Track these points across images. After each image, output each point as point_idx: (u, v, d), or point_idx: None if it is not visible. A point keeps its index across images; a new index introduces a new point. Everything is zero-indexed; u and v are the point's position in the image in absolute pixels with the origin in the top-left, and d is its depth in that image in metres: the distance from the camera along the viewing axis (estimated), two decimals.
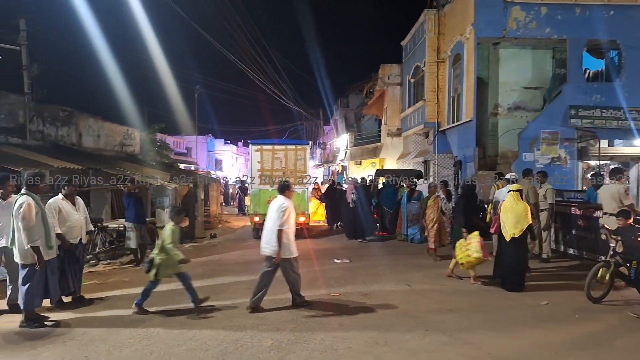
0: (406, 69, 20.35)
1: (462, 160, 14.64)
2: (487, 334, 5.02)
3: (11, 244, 5.38)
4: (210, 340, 4.83)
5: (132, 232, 9.10)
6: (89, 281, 7.43)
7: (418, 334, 4.99)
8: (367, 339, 4.82)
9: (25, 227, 5.20)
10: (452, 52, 15.74)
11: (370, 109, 26.32)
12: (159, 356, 4.40)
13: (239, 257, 10.20)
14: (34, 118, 11.61)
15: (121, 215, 11.67)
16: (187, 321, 5.49)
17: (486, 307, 6.04)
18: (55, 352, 4.50)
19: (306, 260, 9.36)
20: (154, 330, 5.12)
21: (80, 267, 6.49)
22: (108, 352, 4.51)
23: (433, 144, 16.94)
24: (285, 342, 4.77)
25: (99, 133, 14.76)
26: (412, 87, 19.58)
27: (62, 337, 4.93)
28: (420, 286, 7.16)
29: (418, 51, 18.20)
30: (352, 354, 4.45)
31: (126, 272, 8.67)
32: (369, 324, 5.35)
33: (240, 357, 4.39)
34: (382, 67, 22.00)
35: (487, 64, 14.69)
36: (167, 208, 11.79)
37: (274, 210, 6.00)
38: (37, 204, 5.43)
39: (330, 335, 4.94)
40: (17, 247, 5.31)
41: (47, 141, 12.04)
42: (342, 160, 29.56)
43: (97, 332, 5.10)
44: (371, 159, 24.77)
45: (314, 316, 5.66)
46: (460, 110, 15.05)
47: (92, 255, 9.09)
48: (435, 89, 16.72)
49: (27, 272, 5.34)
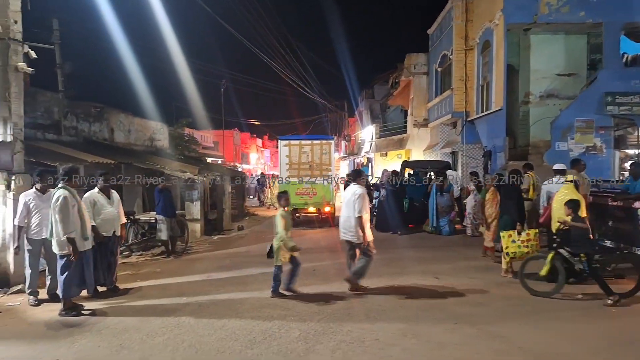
0: (432, 58, 19.97)
1: (491, 150, 14.30)
2: (518, 327, 4.92)
3: (50, 236, 5.59)
4: (239, 329, 4.91)
5: (163, 225, 9.34)
6: (122, 272, 7.66)
7: (446, 327, 4.94)
8: (394, 331, 4.80)
9: (62, 219, 5.41)
10: (480, 40, 15.34)
11: (396, 100, 26.00)
12: (190, 345, 4.51)
13: (264, 250, 10.24)
14: (67, 115, 11.99)
15: (152, 208, 11.97)
16: (217, 311, 5.60)
17: (517, 300, 5.92)
18: (91, 340, 4.67)
19: (332, 252, 9.39)
20: (185, 320, 5.25)
21: (115, 259, 6.69)
22: (142, 340, 4.66)
23: (461, 134, 16.62)
24: (313, 333, 4.81)
25: (129, 128, 15.13)
26: (439, 76, 19.22)
27: (98, 325, 5.12)
28: (449, 279, 7.07)
29: (445, 39, 17.82)
30: (379, 346, 4.44)
31: (157, 263, 8.91)
32: (397, 316, 5.33)
33: (268, 346, 4.45)
34: (408, 57, 21.67)
35: (517, 50, 14.24)
36: (196, 201, 12.05)
37: (349, 198, 6.27)
38: (74, 197, 5.63)
39: (357, 327, 4.94)
40: (55, 238, 5.52)
41: (81, 137, 12.42)
42: (367, 152, 29.38)
43: (131, 321, 5.27)
44: (397, 150, 24.52)
45: (341, 308, 5.68)
46: (489, 99, 14.69)
47: (125, 247, 9.37)
48: (463, 78, 16.37)
49: (64, 263, 5.55)
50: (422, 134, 21.79)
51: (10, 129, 6.72)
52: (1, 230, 6.81)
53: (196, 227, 11.95)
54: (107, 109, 13.78)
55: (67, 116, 11.87)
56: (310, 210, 14.18)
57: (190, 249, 10.30)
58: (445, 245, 10.22)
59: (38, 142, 10.07)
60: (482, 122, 15.27)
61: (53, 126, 11.32)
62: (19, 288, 6.53)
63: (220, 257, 9.41)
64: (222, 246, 10.95)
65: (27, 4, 7.11)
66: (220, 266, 8.40)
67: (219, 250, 10.39)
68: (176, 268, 8.33)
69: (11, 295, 6.40)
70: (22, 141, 6.91)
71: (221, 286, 6.86)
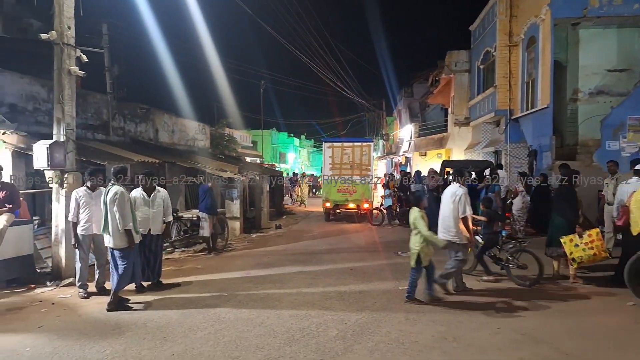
0: (475, 55, 19.45)
1: (537, 150, 13.75)
2: (566, 334, 4.71)
3: (103, 230, 5.79)
4: (278, 327, 4.96)
5: (205, 222, 9.58)
6: (166, 267, 7.91)
7: (489, 331, 4.79)
8: (434, 334, 4.71)
9: (121, 213, 5.66)
10: (525, 35, 14.78)
11: (436, 98, 25.49)
12: (230, 340, 4.60)
13: (304, 248, 10.38)
14: (116, 115, 12.53)
15: (194, 205, 12.32)
16: (256, 307, 5.68)
17: (568, 306, 5.66)
18: (137, 333, 4.85)
19: (371, 253, 9.33)
20: (225, 316, 5.36)
21: (155, 255, 6.83)
22: (184, 334, 4.79)
23: (505, 133, 16.07)
24: (351, 332, 4.79)
25: (173, 129, 15.64)
26: (481, 73, 18.69)
27: (143, 318, 5.31)
28: (493, 283, 6.85)
29: (488, 35, 17.30)
30: (418, 348, 4.36)
31: (199, 259, 9.15)
32: (437, 318, 5.22)
33: (306, 344, 4.47)
34: (449, 54, 21.19)
35: (565, 46, 13.60)
36: (236, 199, 12.29)
37: (449, 198, 6.15)
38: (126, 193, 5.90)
39: (396, 329, 4.88)
40: (111, 232, 5.72)
41: (128, 137, 12.96)
42: (406, 152, 28.96)
43: (174, 315, 5.44)
44: (437, 149, 24.04)
45: (379, 308, 5.63)
46: (535, 97, 14.13)
47: (168, 243, 9.69)
48: (507, 75, 15.82)
49: (121, 256, 5.78)
50: (463, 133, 21.26)
51: (63, 130, 7.08)
52: (54, 226, 7.20)
53: (235, 225, 12.19)
54: (153, 110, 14.31)
55: (115, 117, 12.40)
56: (350, 206, 15.32)
57: (230, 247, 10.52)
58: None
59: (88, 141, 10.58)
60: (527, 120, 14.71)
61: (102, 127, 11.87)
62: (70, 281, 6.88)
63: (258, 255, 9.55)
64: (260, 244, 11.11)
65: (80, 10, 7.47)
66: (259, 263, 8.52)
67: (257, 248, 10.55)
68: (216, 264, 8.53)
69: (63, 288, 6.75)
70: (74, 141, 7.26)
71: (259, 283, 6.96)
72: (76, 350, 4.37)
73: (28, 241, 7.18)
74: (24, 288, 6.70)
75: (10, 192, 6.77)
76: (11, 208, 6.68)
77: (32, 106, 9.56)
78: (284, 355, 4.22)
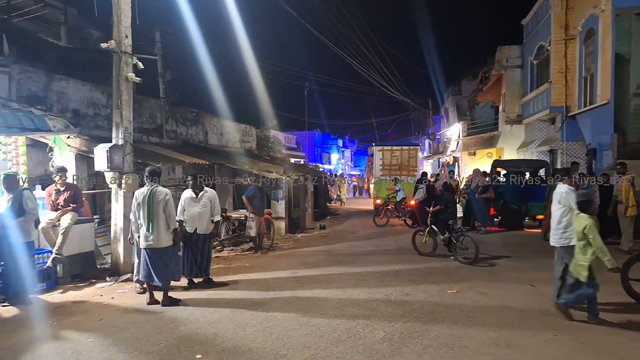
0: (527, 50, 18.66)
1: (596, 148, 12.99)
2: (628, 343, 4.41)
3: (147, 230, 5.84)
4: (324, 327, 4.98)
5: (252, 222, 9.79)
6: (215, 265, 8.15)
7: (545, 338, 4.57)
8: (485, 340, 4.55)
9: (171, 212, 5.92)
10: (583, 28, 14.01)
11: (486, 96, 24.64)
12: (278, 338, 4.67)
13: (348, 249, 10.37)
14: (168, 119, 13.05)
15: (241, 205, 12.61)
16: (302, 307, 5.74)
17: (627, 312, 5.30)
18: (190, 328, 5.03)
19: (417, 255, 9.15)
20: (273, 314, 5.45)
21: (202, 253, 6.99)
22: (234, 330, 4.92)
23: (560, 130, 15.30)
24: (398, 335, 4.72)
25: (221, 131, 16.07)
26: (534, 69, 17.91)
27: (195, 314, 5.50)
28: (547, 287, 6.53)
29: (542, 29, 16.55)
30: (469, 354, 4.24)
31: (247, 258, 9.35)
32: (488, 323, 5.05)
33: (353, 345, 4.45)
34: (500, 50, 20.45)
35: (627, 38, 12.74)
36: (281, 200, 12.47)
37: (557, 201, 5.62)
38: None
39: (445, 333, 4.76)
40: (159, 231, 5.87)
41: (180, 139, 13.46)
42: (454, 151, 28.22)
43: (223, 311, 5.59)
44: (487, 149, 23.24)
45: (427, 312, 5.52)
46: (593, 92, 13.36)
47: (217, 242, 9.98)
48: (562, 70, 15.06)
49: (169, 254, 6.02)
50: (515, 131, 20.45)
51: (121, 133, 7.48)
52: (113, 224, 7.62)
53: (281, 225, 12.37)
54: (202, 113, 14.77)
55: (167, 121, 12.92)
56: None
57: (276, 246, 10.68)
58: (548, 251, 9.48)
59: (144, 144, 11.09)
60: (585, 117, 13.93)
61: (156, 130, 12.40)
62: (127, 277, 7.24)
63: (303, 255, 9.63)
64: (305, 244, 11.20)
65: (136, 19, 7.86)
66: (304, 263, 8.60)
67: (302, 248, 10.65)
68: (263, 263, 8.69)
69: (121, 283, 7.12)
70: (131, 144, 7.65)
71: (305, 283, 7.02)
72: (133, 342, 4.60)
73: (90, 238, 7.65)
74: (86, 283, 7.13)
75: (74, 192, 7.24)
76: (75, 207, 7.15)
77: (93, 111, 10.15)
78: (331, 356, 4.23)
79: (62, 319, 5.41)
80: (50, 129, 7.66)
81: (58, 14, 14.27)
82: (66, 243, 6.86)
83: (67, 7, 14.51)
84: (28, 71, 8.74)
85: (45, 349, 4.50)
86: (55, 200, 7.08)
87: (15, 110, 7.62)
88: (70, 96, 9.60)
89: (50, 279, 6.78)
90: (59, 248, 6.76)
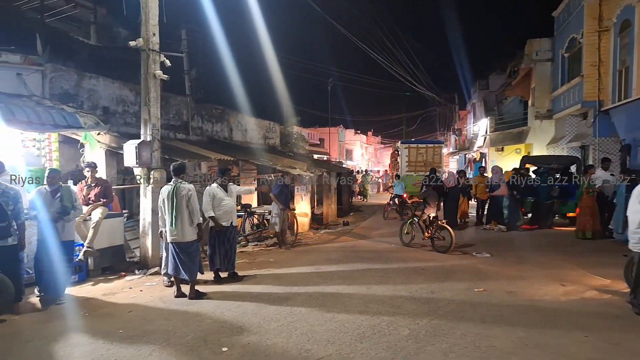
0: (558, 43, 18.10)
1: (631, 144, 12.50)
2: None
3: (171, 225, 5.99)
4: (348, 323, 4.97)
5: (277, 218, 9.85)
6: (240, 260, 8.24)
7: (575, 339, 4.44)
8: (513, 339, 4.45)
9: (195, 207, 6.02)
10: (618, 19, 13.49)
11: (514, 90, 24.05)
12: (302, 333, 4.69)
13: (372, 245, 10.32)
14: (194, 116, 13.25)
15: (265, 201, 12.71)
16: (326, 303, 5.74)
17: None
18: (216, 321, 5.11)
19: (441, 253, 9.03)
20: (297, 309, 5.47)
21: (232, 246, 7.16)
22: (259, 324, 4.96)
23: (593, 126, 14.80)
24: (423, 333, 4.67)
25: (246, 127, 16.22)
26: (565, 62, 17.37)
27: (221, 308, 5.58)
28: (577, 287, 6.36)
29: (574, 21, 16.01)
30: (496, 353, 4.15)
31: (271, 253, 9.42)
32: (516, 322, 4.94)
33: (377, 342, 4.43)
34: (529, 43, 19.90)
35: None
36: (304, 196, 12.50)
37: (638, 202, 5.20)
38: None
39: (471, 332, 4.68)
40: (186, 225, 6.03)
41: (205, 136, 13.66)
42: (481, 147, 27.69)
43: (249, 306, 5.65)
44: (515, 144, 22.71)
45: (453, 310, 5.44)
46: (629, 86, 12.85)
47: (242, 237, 10.09)
48: (595, 63, 14.55)
49: (194, 248, 6.14)
50: (545, 127, 19.90)
51: (149, 130, 7.62)
52: (142, 219, 7.79)
53: (304, 221, 12.40)
54: (227, 110, 14.94)
55: (193, 118, 13.12)
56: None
57: (299, 242, 10.72)
58: (579, 250, 9.22)
59: (170, 141, 11.29)
60: (620, 112, 13.42)
61: (182, 127, 12.61)
62: (155, 270, 7.40)
63: (327, 251, 9.64)
64: (329, 240, 11.20)
65: (163, 17, 7.98)
66: (328, 259, 8.60)
67: (326, 244, 10.65)
68: (287, 259, 8.73)
69: (149, 276, 7.28)
70: (159, 140, 7.79)
71: (329, 279, 7.02)
72: (161, 334, 4.69)
73: (119, 232, 7.85)
74: (115, 275, 7.32)
75: (105, 187, 7.43)
76: (105, 202, 7.34)
77: (122, 108, 10.39)
78: (355, 352, 4.22)
79: (94, 310, 5.57)
80: (82, 125, 7.89)
81: (88, 13, 14.67)
82: (97, 237, 7.06)
83: (97, 7, 14.89)
84: (60, 70, 9.02)
85: (77, 339, 4.65)
86: (86, 195, 7.29)
87: (49, 107, 7.88)
88: (100, 94, 9.86)
89: (81, 272, 7.00)
90: (90, 241, 6.97)
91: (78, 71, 9.51)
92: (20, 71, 8.33)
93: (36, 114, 7.18)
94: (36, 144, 7.93)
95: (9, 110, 6.76)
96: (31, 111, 7.15)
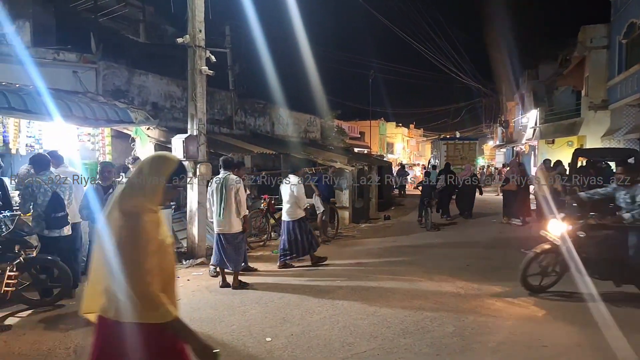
0: (616, 29, 17.01)
1: None
2: None
3: (219, 216, 6.14)
4: (391, 317, 4.93)
5: (319, 210, 9.89)
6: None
7: (635, 342, 4.17)
8: (566, 339, 4.28)
9: (242, 200, 6.16)
10: None
11: (566, 80, 22.86)
12: (344, 326, 4.70)
13: (415, 241, 10.15)
14: (237, 111, 13.52)
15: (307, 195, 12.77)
16: (368, 297, 5.71)
17: None
18: (260, 311, 5.21)
19: (488, 249, 8.79)
20: (339, 302, 5.48)
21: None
22: (301, 316, 5.02)
23: None
24: (469, 330, 4.56)
25: (287, 122, 16.38)
26: (623, 49, 16.32)
27: (264, 299, 5.68)
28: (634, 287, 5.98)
29: (633, 5, 15.00)
30: (547, 353, 3.99)
31: None
32: (570, 322, 4.72)
33: (421, 338, 4.37)
34: (583, 29, 18.82)
35: None
36: (345, 189, 12.48)
37: None
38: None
39: (521, 330, 4.53)
40: (233, 217, 6.14)
41: (248, 130, 13.90)
42: (530, 140, 26.56)
43: (291, 297, 5.72)
44: (567, 137, 21.60)
45: (500, 308, 5.27)
46: None
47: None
48: None
49: (240, 240, 6.28)
50: (599, 118, 18.79)
51: (196, 124, 7.84)
52: (189, 210, 8.05)
53: (345, 215, 12.38)
54: (269, 104, 15.13)
55: (237, 112, 13.38)
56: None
57: (340, 235, 10.72)
58: None
59: (215, 135, 11.58)
60: None
61: (226, 121, 12.89)
62: (201, 260, 7.64)
63: (368, 245, 9.59)
64: (370, 234, 11.14)
65: (209, 14, 8.16)
66: (369, 253, 8.55)
67: (367, 238, 10.59)
68: (328, 252, 8.73)
69: (196, 266, 7.52)
70: (205, 135, 8.01)
71: (371, 273, 6.98)
72: (208, 322, 4.84)
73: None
74: None
75: None
76: None
77: (170, 104, 10.75)
78: (399, 347, 4.18)
79: None
80: (132, 120, 8.22)
81: (137, 12, 15.21)
82: None
83: (145, 5, 15.41)
84: (112, 67, 9.43)
85: None
86: None
87: (102, 103, 8.26)
88: (149, 90, 10.23)
89: None
90: None
91: (129, 68, 9.91)
92: (76, 69, 8.78)
93: (91, 109, 7.55)
94: (91, 138, 8.36)
95: (67, 107, 7.15)
96: (86, 107, 7.53)
